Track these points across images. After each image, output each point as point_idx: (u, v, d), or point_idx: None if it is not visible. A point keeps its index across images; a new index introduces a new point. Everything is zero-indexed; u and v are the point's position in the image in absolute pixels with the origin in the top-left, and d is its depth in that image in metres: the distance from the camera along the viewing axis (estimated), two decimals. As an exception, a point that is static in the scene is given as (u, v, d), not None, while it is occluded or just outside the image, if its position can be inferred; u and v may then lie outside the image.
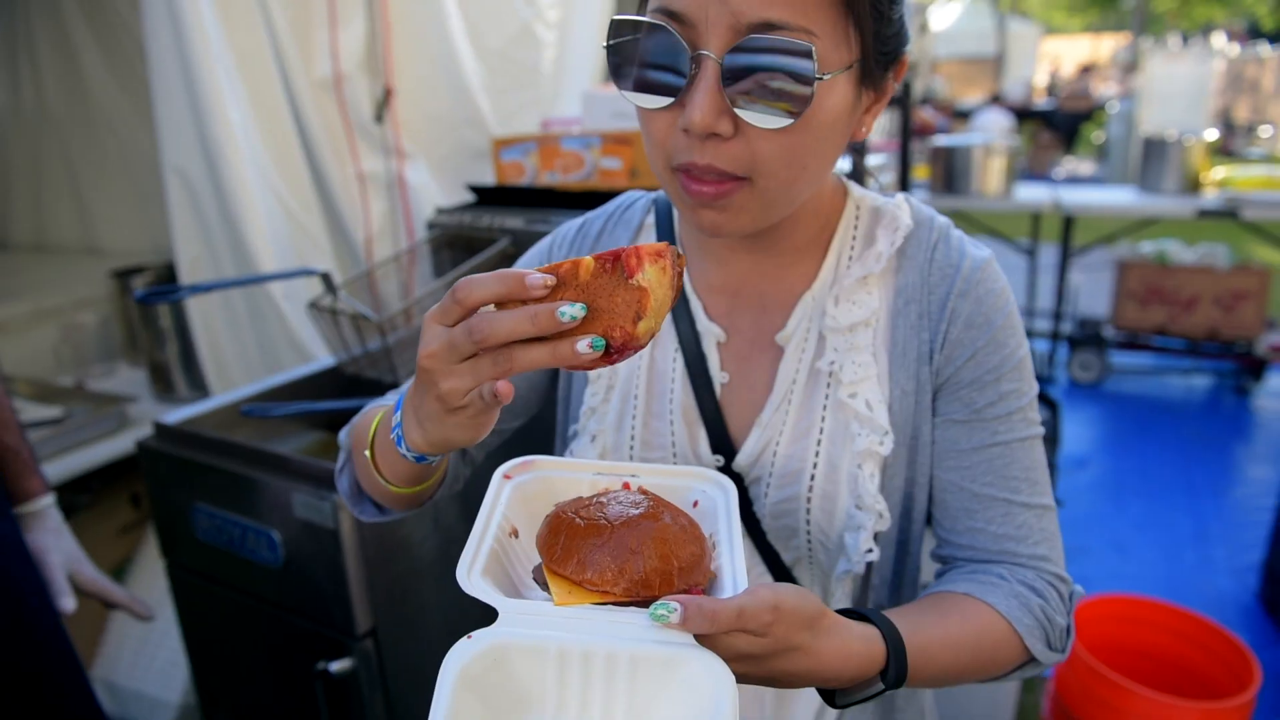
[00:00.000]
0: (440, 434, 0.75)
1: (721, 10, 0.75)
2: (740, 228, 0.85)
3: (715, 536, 0.80)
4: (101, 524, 2.59)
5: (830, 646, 0.74)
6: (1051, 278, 5.80)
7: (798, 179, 0.83)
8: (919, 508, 0.99)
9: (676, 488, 0.87)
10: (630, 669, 0.66)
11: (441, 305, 0.71)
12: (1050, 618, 0.91)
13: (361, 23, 2.59)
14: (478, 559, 0.74)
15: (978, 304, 0.94)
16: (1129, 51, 20.37)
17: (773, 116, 0.76)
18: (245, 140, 2.27)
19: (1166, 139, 5.24)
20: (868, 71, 0.83)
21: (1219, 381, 5.68)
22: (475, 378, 0.69)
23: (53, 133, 3.55)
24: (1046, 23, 28.59)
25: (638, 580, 0.70)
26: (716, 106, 0.76)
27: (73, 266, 3.42)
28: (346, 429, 1.04)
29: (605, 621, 0.68)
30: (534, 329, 0.66)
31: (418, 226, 2.70)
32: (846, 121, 0.84)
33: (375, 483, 0.92)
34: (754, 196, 0.83)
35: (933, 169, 5.47)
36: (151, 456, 1.88)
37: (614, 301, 0.67)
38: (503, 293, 0.68)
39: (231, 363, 2.49)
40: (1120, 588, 3.34)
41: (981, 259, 0.96)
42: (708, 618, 0.66)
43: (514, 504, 0.83)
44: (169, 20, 2.12)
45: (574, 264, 0.68)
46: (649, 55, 0.80)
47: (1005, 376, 0.93)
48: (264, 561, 1.75)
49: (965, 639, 0.87)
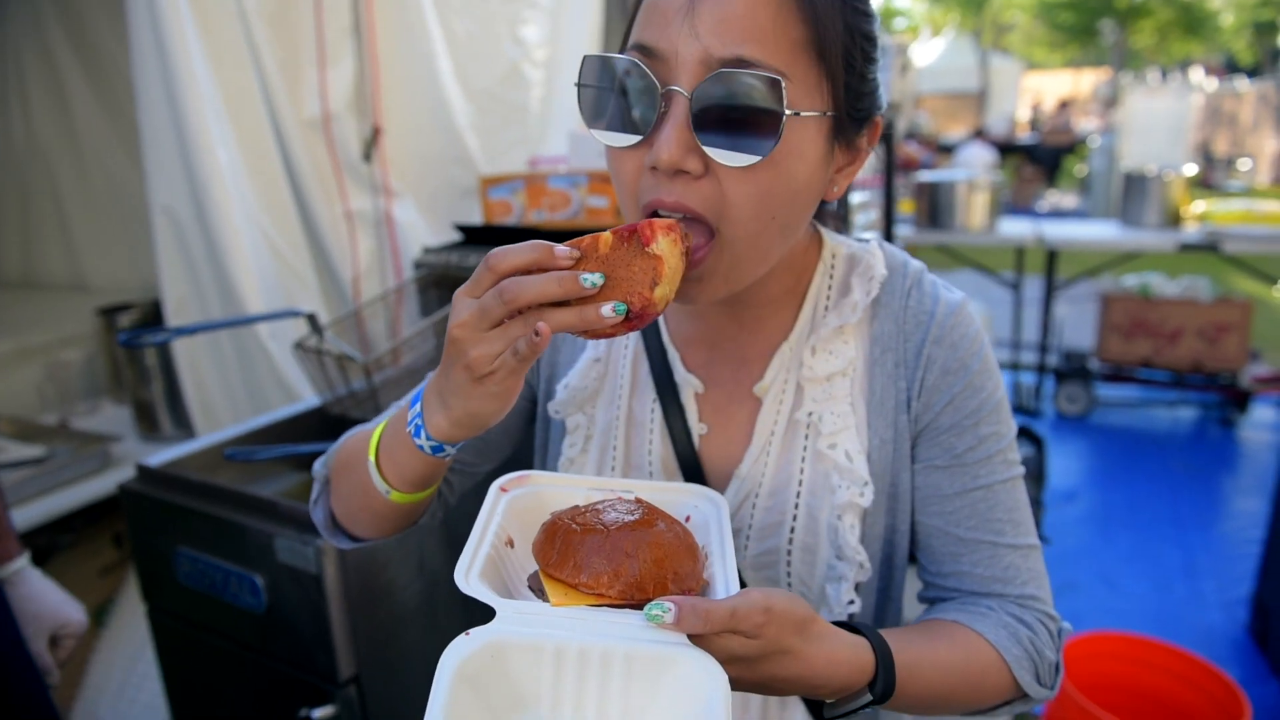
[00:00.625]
0: (466, 408, 0.77)
1: (693, 46, 0.76)
2: (714, 293, 0.85)
3: (708, 548, 0.81)
4: (83, 564, 2.55)
5: (820, 652, 0.74)
6: (1036, 310, 5.85)
7: (765, 230, 0.82)
8: (900, 555, 0.99)
9: (670, 502, 0.87)
10: (625, 667, 0.67)
11: (473, 278, 0.75)
12: (1039, 650, 0.91)
13: (350, 62, 2.61)
14: (475, 562, 0.74)
15: (953, 349, 0.94)
16: (1109, 86, 20.72)
17: (740, 154, 0.76)
18: (233, 179, 2.27)
19: (1147, 174, 5.33)
20: (840, 126, 0.83)
21: (1204, 413, 5.71)
22: (505, 341, 0.73)
23: (42, 169, 3.56)
24: (1028, 58, 29.07)
25: (632, 583, 0.71)
26: (685, 142, 0.77)
27: (59, 303, 3.41)
28: (323, 459, 1.04)
29: (601, 621, 0.69)
30: (560, 291, 0.71)
31: (405, 264, 2.71)
32: (818, 176, 0.84)
33: (370, 497, 0.91)
34: (723, 257, 0.82)
35: (917, 204, 5.53)
36: (134, 499, 1.86)
37: (632, 270, 0.73)
38: (533, 259, 0.73)
39: (217, 401, 2.48)
40: (1110, 623, 3.35)
41: (955, 304, 0.96)
42: (701, 617, 0.67)
43: (509, 516, 0.84)
44: (157, 59, 2.13)
45: (594, 238, 0.74)
46: (620, 92, 0.81)
47: (984, 420, 0.94)
48: (246, 606, 1.73)
49: (953, 662, 0.87)
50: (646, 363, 1.02)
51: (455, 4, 2.85)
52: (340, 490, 0.98)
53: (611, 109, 0.82)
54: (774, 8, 0.76)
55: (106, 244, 3.56)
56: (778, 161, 0.78)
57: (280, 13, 2.41)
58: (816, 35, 0.78)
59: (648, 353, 1.01)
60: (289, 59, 2.46)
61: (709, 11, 0.76)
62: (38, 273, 3.75)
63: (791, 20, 0.77)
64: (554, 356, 1.09)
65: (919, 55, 20.81)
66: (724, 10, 0.75)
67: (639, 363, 1.03)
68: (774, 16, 0.76)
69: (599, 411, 1.04)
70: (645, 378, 1.02)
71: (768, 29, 0.76)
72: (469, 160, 2.90)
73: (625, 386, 1.03)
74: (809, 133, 0.80)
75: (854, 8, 0.82)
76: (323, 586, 1.61)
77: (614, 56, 0.81)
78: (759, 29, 0.75)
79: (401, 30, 2.69)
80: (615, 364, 1.04)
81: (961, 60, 23.09)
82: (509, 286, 0.71)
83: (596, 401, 1.05)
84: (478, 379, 0.75)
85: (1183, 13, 23.16)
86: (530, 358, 0.73)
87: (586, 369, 1.04)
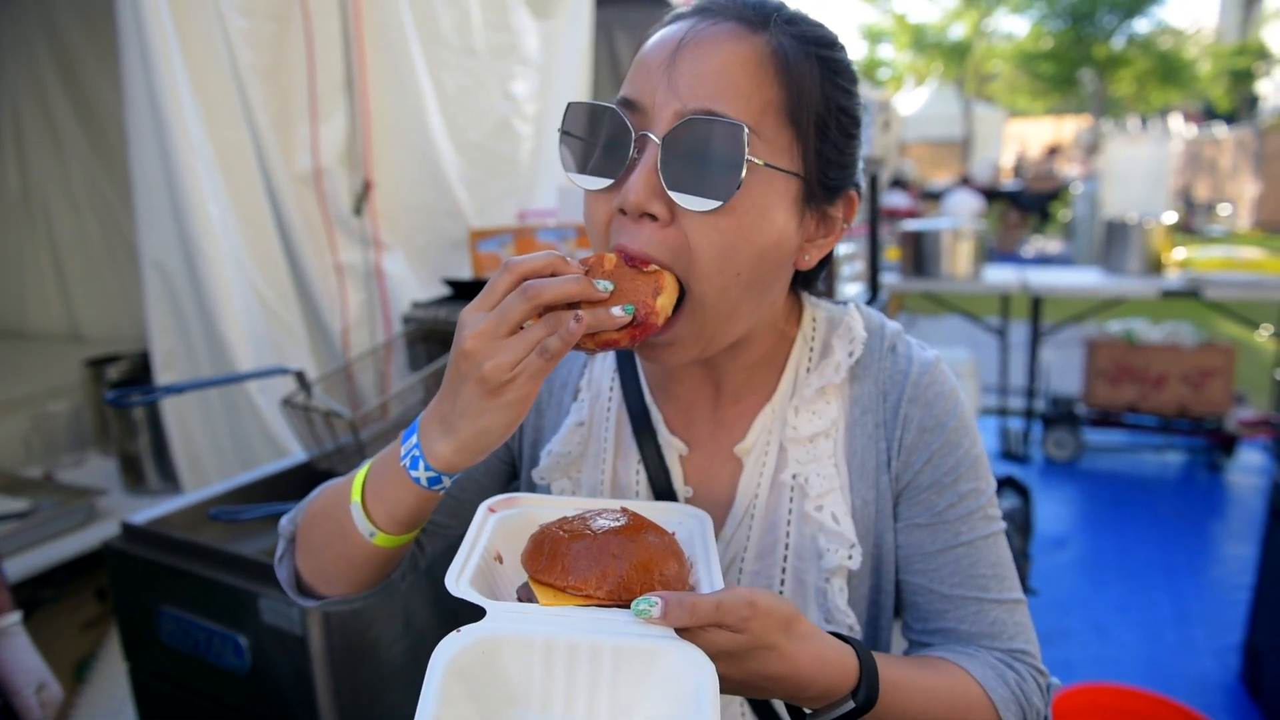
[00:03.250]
0: (476, 426, 0.78)
1: (669, 96, 0.80)
2: (684, 355, 0.86)
3: (693, 559, 0.82)
4: (65, 619, 2.52)
5: (805, 651, 0.75)
6: (1023, 355, 5.89)
7: (731, 285, 0.83)
8: (885, 615, 1.00)
9: (655, 519, 0.87)
10: (614, 660, 0.68)
11: (485, 290, 0.77)
12: (1027, 696, 0.91)
13: (342, 117, 2.65)
14: (465, 570, 0.75)
15: (928, 408, 0.95)
16: (1091, 134, 21.11)
17: (702, 199, 0.79)
18: (224, 234, 2.29)
19: (1128, 222, 5.41)
20: (810, 192, 0.85)
21: (1191, 458, 5.73)
22: (524, 346, 0.75)
23: (38, 218, 3.58)
24: (1010, 106, 29.62)
25: (619, 584, 0.72)
26: (651, 185, 0.80)
27: (48, 353, 3.41)
28: (290, 516, 1.02)
29: (589, 618, 0.71)
30: (578, 291, 0.76)
31: (395, 317, 2.72)
32: (786, 238, 0.85)
33: (350, 544, 0.89)
34: (694, 318, 0.84)
35: (903, 252, 5.60)
36: (117, 558, 1.84)
37: (635, 284, 0.79)
38: (548, 264, 0.77)
39: (204, 456, 2.47)
40: (1101, 671, 3.33)
41: (928, 363, 0.97)
42: (688, 609, 0.68)
43: (498, 534, 0.84)
44: (151, 113, 2.16)
45: (599, 256, 0.82)
46: (599, 139, 0.84)
47: (963, 477, 0.94)
48: (230, 667, 1.71)
49: (939, 690, 0.86)
50: (630, 425, 1.02)
51: (447, 59, 2.90)
52: (311, 543, 0.96)
53: (589, 155, 0.85)
54: (751, 67, 0.80)
55: (101, 294, 3.58)
56: (740, 212, 0.80)
57: (273, 69, 2.45)
58: (791, 98, 0.81)
59: (630, 416, 1.02)
60: (281, 114, 2.50)
61: (688, 67, 0.80)
62: (32, 322, 3.75)
63: (767, 81, 0.80)
64: (538, 421, 1.09)
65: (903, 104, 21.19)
66: (701, 66, 0.80)
67: (622, 426, 1.03)
68: (750, 75, 0.80)
69: (584, 476, 1.05)
70: (629, 441, 1.02)
71: (742, 86, 0.79)
72: (459, 213, 2.93)
73: (609, 450, 1.03)
74: (775, 189, 0.82)
75: (835, 82, 0.85)
76: (307, 647, 1.59)
77: (597, 104, 0.84)
78: (733, 85, 0.79)
79: (393, 85, 2.73)
80: (598, 428, 1.04)
81: (945, 108, 23.50)
82: (531, 285, 0.75)
83: (581, 466, 1.05)
84: (492, 391, 0.75)
85: (1160, 62, 23.69)
86: (560, 354, 0.75)
87: (569, 435, 1.04)
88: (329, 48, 2.57)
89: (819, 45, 0.85)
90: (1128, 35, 24.02)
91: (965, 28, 25.98)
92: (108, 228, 3.46)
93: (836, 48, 0.87)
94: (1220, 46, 26.52)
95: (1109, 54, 23.79)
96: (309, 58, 2.51)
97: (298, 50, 2.50)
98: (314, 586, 0.99)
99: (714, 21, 0.83)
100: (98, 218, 3.48)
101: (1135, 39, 24.05)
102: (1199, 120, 23.29)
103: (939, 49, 26.43)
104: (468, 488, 1.08)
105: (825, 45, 0.86)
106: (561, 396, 1.08)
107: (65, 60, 3.34)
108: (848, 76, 0.87)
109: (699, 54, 0.80)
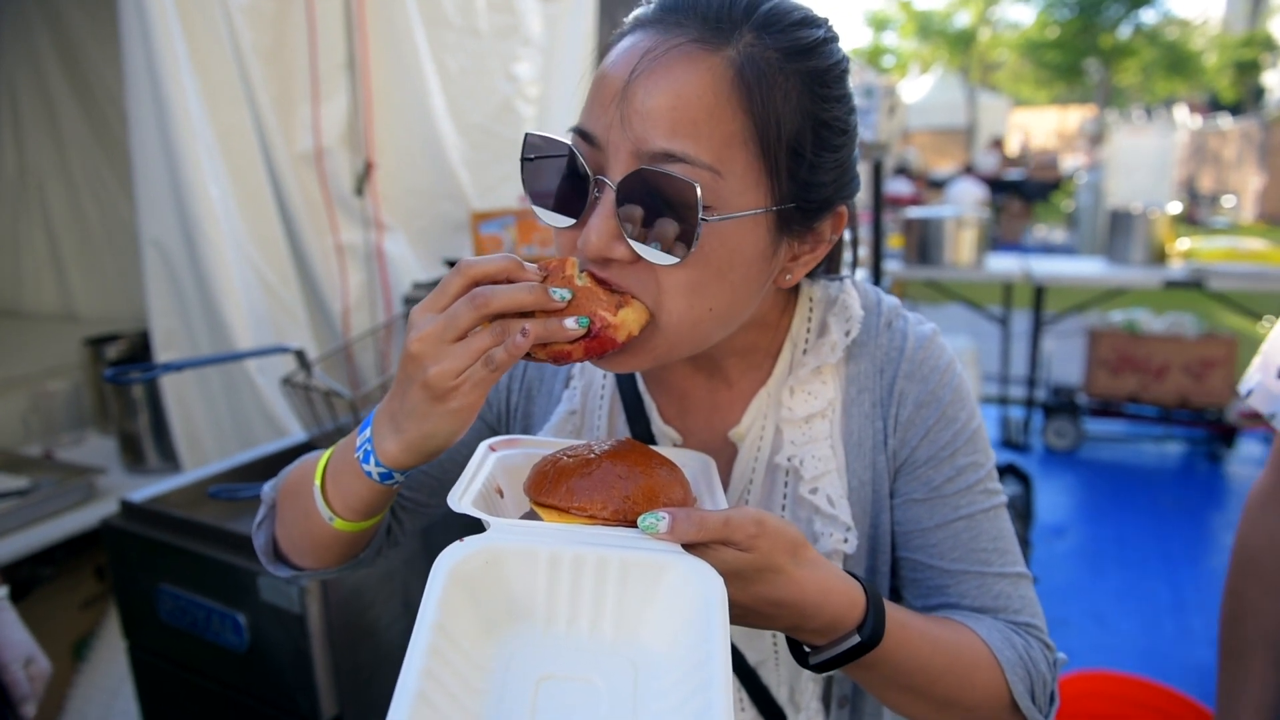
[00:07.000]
0: (422, 430, 0.75)
1: (625, 136, 0.74)
2: (639, 365, 0.83)
3: (698, 496, 0.81)
4: (64, 597, 2.52)
5: (813, 577, 0.74)
6: (1024, 345, 5.88)
7: (702, 320, 0.79)
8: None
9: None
10: (621, 573, 0.66)
11: (436, 290, 0.73)
12: (1035, 664, 0.89)
13: (344, 98, 2.64)
14: (468, 492, 0.73)
15: (923, 382, 0.93)
16: (1095, 124, 21.02)
17: (661, 252, 0.74)
18: (224, 214, 2.28)
19: (1132, 212, 5.39)
20: (786, 220, 0.80)
21: (1192, 448, 5.73)
22: (469, 354, 0.71)
23: (34, 199, 3.56)
24: (1015, 95, 29.51)
25: (625, 504, 0.71)
26: (610, 232, 0.75)
27: (46, 333, 3.40)
28: (272, 483, 1.01)
29: (594, 532, 0.69)
30: (531, 300, 0.71)
31: (396, 298, 2.72)
32: (758, 270, 0.80)
33: (313, 524, 0.88)
34: (655, 337, 0.79)
35: (906, 240, 5.58)
36: (116, 536, 1.84)
37: (596, 294, 0.74)
38: (503, 269, 0.73)
39: (203, 435, 2.46)
40: (1101, 660, 3.33)
41: (924, 336, 0.95)
42: (695, 524, 0.67)
43: (499, 469, 0.83)
44: (151, 94, 2.15)
45: (561, 260, 0.75)
46: (558, 174, 0.80)
47: (960, 451, 0.92)
48: (228, 645, 1.71)
49: (945, 642, 0.84)
50: (623, 414, 1.00)
51: (449, 40, 2.88)
52: (285, 516, 0.96)
53: (551, 187, 0.81)
54: (709, 98, 0.73)
55: (98, 274, 3.56)
56: (706, 259, 0.75)
57: (275, 49, 2.44)
58: (757, 126, 0.74)
59: (624, 404, 1.00)
60: (283, 94, 2.49)
61: (641, 100, 0.73)
62: (28, 302, 3.74)
63: (728, 112, 0.73)
64: (528, 408, 1.07)
65: (908, 91, 21.10)
66: (655, 100, 0.73)
67: (615, 414, 1.01)
68: (709, 108, 0.73)
69: None
70: (622, 430, 1.00)
71: (700, 121, 0.72)
72: (460, 195, 2.91)
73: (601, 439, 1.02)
74: (744, 229, 0.76)
75: (816, 94, 0.78)
76: (306, 625, 1.59)
77: (555, 138, 0.81)
78: (690, 121, 0.72)
79: (395, 66, 2.71)
80: (591, 416, 1.02)
81: (949, 96, 23.42)
82: (481, 293, 0.70)
83: None
84: (437, 397, 0.72)
85: (1166, 52, 23.60)
86: (505, 366, 0.71)
87: (561, 423, 1.02)
88: (331, 27, 2.55)
89: (796, 56, 0.76)
90: (1134, 25, 23.92)
91: (970, 16, 25.87)
92: (105, 208, 3.45)
93: (817, 52, 0.78)
94: (1227, 37, 26.42)
95: (1115, 44, 23.70)
96: (310, 37, 2.50)
97: (299, 30, 2.48)
98: (288, 556, 0.98)
99: (672, 37, 0.75)
100: (95, 198, 3.47)
101: (1142, 29, 23.96)
102: (1204, 111, 23.19)
103: (944, 36, 26.34)
104: (449, 469, 1.05)
105: (803, 53, 0.77)
106: (553, 384, 1.06)
107: (64, 39, 3.31)
108: (833, 83, 0.79)
109: (652, 86, 0.73)
